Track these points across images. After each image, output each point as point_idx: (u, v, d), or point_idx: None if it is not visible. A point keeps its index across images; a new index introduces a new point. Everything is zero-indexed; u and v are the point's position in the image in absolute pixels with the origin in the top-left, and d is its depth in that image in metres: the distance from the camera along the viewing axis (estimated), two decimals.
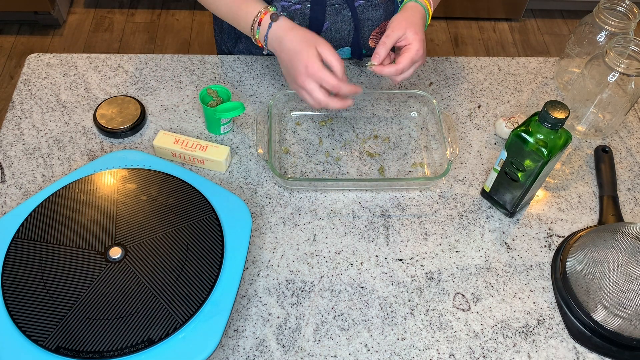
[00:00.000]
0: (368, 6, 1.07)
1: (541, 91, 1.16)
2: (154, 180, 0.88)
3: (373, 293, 0.86)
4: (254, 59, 1.16)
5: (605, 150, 1.04)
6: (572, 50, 1.12)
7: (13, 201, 0.93)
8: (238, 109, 0.97)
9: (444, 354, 0.81)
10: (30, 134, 1.02)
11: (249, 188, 0.97)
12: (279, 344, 0.80)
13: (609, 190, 0.99)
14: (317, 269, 0.88)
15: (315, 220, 0.94)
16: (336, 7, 1.05)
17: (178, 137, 0.98)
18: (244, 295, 0.85)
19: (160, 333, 0.73)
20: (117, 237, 0.81)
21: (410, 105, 1.09)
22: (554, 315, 0.86)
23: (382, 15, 1.10)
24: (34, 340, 0.71)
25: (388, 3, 1.09)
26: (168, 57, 1.15)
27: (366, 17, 1.09)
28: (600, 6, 1.05)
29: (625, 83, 0.98)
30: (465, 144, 1.06)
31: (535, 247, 0.93)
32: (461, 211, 0.96)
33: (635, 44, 0.97)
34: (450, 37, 2.66)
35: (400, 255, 0.90)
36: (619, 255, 0.84)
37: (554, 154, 0.83)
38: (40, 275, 0.77)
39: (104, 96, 1.08)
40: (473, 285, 0.88)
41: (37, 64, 1.13)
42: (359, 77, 1.14)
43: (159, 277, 0.78)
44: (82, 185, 0.87)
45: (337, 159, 1.01)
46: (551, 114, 0.80)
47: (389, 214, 0.95)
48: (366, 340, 0.82)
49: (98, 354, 0.71)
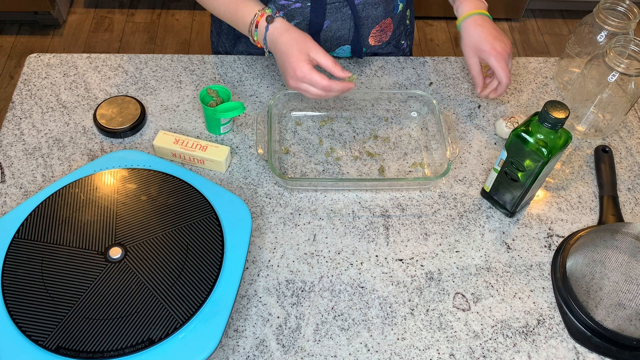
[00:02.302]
0: (368, 4, 1.07)
1: (541, 91, 1.16)
2: (154, 180, 0.88)
3: (373, 293, 0.86)
4: (254, 59, 1.16)
5: (605, 150, 1.04)
6: (572, 50, 1.12)
7: (13, 201, 0.93)
8: (238, 109, 0.97)
9: (444, 354, 0.81)
10: (30, 134, 1.02)
11: (249, 188, 0.97)
12: (279, 344, 0.80)
13: (609, 190, 0.99)
14: (317, 269, 0.88)
15: (315, 220, 0.94)
16: (336, 5, 1.05)
17: (178, 137, 0.98)
18: (244, 295, 0.85)
19: (160, 333, 0.73)
20: (117, 237, 0.81)
21: (410, 105, 1.09)
22: (554, 315, 0.86)
23: (381, 13, 1.10)
24: (34, 340, 0.71)
25: (387, 1, 1.09)
26: (168, 57, 1.15)
27: (366, 15, 1.09)
28: (600, 6, 1.05)
29: (625, 83, 0.98)
30: (465, 144, 1.06)
31: (535, 247, 0.93)
32: (461, 211, 0.96)
33: (635, 44, 0.97)
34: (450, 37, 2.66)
35: (400, 255, 0.90)
36: (619, 255, 0.84)
37: (554, 154, 0.83)
38: (40, 275, 0.77)
39: (104, 96, 1.08)
40: (473, 285, 0.88)
41: (37, 64, 1.13)
42: (359, 77, 1.14)
43: (159, 277, 0.78)
44: (82, 185, 0.87)
45: (337, 159, 1.01)
46: (551, 114, 0.80)
47: (389, 214, 0.95)
48: (366, 340, 0.82)
49: (98, 354, 0.71)
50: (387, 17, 1.12)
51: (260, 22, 0.92)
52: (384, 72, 1.15)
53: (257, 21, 0.92)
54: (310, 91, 0.90)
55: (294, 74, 0.89)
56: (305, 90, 0.90)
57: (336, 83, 0.89)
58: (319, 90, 0.89)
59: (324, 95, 0.90)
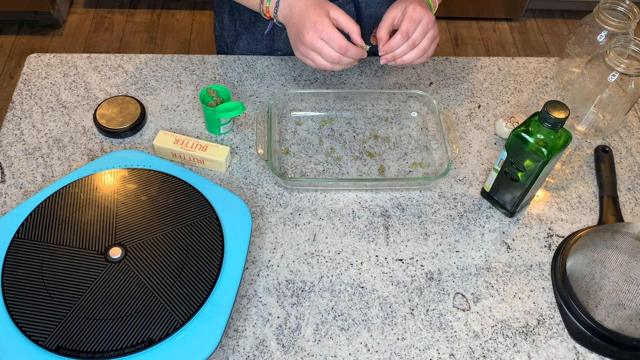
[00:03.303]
0: (372, 3, 1.07)
1: (541, 91, 1.16)
2: (154, 180, 0.88)
3: (373, 293, 0.86)
4: (254, 59, 1.16)
5: (605, 150, 1.04)
6: (572, 50, 1.12)
7: (13, 201, 0.93)
8: (238, 109, 0.97)
9: (444, 354, 0.81)
10: (30, 134, 1.02)
11: (249, 188, 0.97)
12: (279, 344, 0.80)
13: (609, 190, 0.99)
14: (317, 269, 0.88)
15: (315, 220, 0.94)
16: (340, 2, 1.05)
17: (178, 137, 0.98)
18: (244, 295, 0.85)
19: (160, 333, 0.73)
20: (117, 237, 0.81)
21: (410, 105, 1.09)
22: (554, 315, 0.86)
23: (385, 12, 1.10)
24: (34, 340, 0.71)
25: (391, 1, 1.09)
26: (168, 57, 1.15)
27: (369, 14, 1.09)
28: (600, 6, 1.05)
29: (625, 83, 0.98)
30: (465, 144, 1.06)
31: (535, 247, 0.93)
32: (461, 211, 0.96)
33: (635, 44, 0.97)
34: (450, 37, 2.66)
35: (400, 255, 0.90)
36: (619, 255, 0.84)
37: (554, 154, 0.83)
38: (40, 275, 0.77)
39: (104, 96, 1.08)
40: (473, 285, 0.88)
41: (37, 64, 1.13)
42: (359, 77, 1.14)
43: (159, 277, 0.78)
44: (82, 185, 0.87)
45: (337, 159, 1.01)
46: (551, 114, 0.80)
47: (389, 214, 0.95)
48: (366, 340, 0.82)
49: (98, 354, 0.71)
50: None
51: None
52: (384, 72, 1.15)
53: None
54: (325, 51, 0.85)
55: (313, 27, 0.84)
56: (320, 48, 0.85)
57: (352, 46, 0.85)
58: (333, 52, 0.85)
59: (337, 58, 0.86)
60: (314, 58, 0.88)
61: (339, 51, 0.85)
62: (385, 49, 0.90)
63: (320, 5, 0.87)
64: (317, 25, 0.84)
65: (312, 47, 0.86)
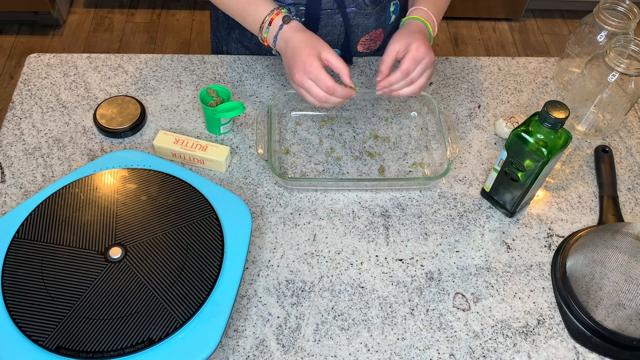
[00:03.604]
0: (359, 14, 1.08)
1: (541, 91, 1.16)
2: (154, 180, 0.88)
3: (373, 293, 0.86)
4: (254, 58, 1.16)
5: (605, 150, 1.04)
6: (572, 50, 1.12)
7: (13, 201, 0.93)
8: (238, 109, 0.97)
9: (444, 354, 0.81)
10: (30, 134, 1.02)
11: (249, 188, 0.97)
12: (279, 344, 0.80)
13: (609, 190, 0.99)
14: (317, 269, 0.88)
15: (315, 220, 0.94)
16: (328, 12, 1.06)
17: (178, 137, 0.98)
18: (244, 295, 0.85)
19: (160, 333, 0.73)
20: (117, 237, 0.81)
21: (410, 105, 1.09)
22: (554, 315, 0.86)
23: (373, 23, 1.11)
24: (34, 340, 0.71)
25: (380, 12, 1.10)
26: (168, 57, 1.15)
27: (357, 24, 1.10)
28: (600, 6, 1.05)
29: (625, 83, 0.98)
30: (465, 144, 1.06)
31: (535, 247, 0.93)
32: (461, 211, 0.96)
33: (635, 44, 0.97)
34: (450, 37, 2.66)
35: (400, 255, 0.91)
36: (619, 255, 0.84)
37: (554, 154, 0.83)
38: (40, 275, 0.77)
39: (104, 96, 1.08)
40: (473, 285, 0.88)
41: (37, 64, 1.13)
42: (358, 77, 1.14)
43: (159, 277, 0.78)
44: (82, 185, 0.87)
45: (337, 159, 1.02)
46: (551, 114, 0.80)
47: (389, 214, 0.95)
48: (366, 340, 0.82)
49: (98, 354, 0.71)
50: (378, 27, 1.13)
51: (275, 20, 0.92)
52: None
53: (272, 19, 0.92)
54: (313, 90, 0.88)
55: (303, 67, 0.88)
56: (308, 87, 0.89)
57: (340, 87, 0.88)
58: (321, 91, 0.88)
59: (324, 98, 0.89)
60: (303, 95, 0.91)
61: (327, 91, 0.88)
62: (384, 84, 0.92)
63: (312, 45, 0.89)
64: (307, 66, 0.87)
65: (301, 86, 0.89)
